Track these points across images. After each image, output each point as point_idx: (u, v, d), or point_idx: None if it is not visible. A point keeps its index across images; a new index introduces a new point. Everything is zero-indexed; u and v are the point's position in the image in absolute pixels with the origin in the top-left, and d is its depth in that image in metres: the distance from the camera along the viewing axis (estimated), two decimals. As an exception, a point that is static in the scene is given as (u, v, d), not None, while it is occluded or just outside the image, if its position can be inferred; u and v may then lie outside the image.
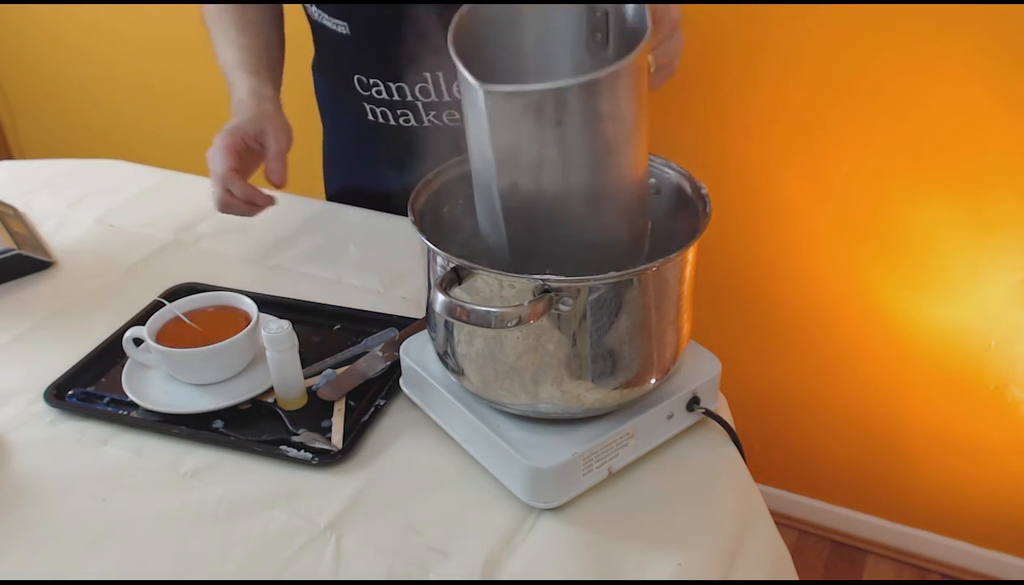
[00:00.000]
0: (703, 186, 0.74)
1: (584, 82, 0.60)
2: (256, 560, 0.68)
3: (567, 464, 0.69)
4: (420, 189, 0.77)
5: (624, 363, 0.69)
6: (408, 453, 0.78)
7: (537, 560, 0.67)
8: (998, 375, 1.45)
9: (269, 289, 0.99)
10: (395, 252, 1.08)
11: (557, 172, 0.65)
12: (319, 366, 0.87)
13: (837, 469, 1.70)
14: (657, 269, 0.66)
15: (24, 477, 0.77)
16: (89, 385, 0.87)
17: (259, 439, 0.78)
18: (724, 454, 0.77)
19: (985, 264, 1.38)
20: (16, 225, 1.13)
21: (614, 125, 0.64)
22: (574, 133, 0.63)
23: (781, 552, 0.75)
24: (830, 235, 1.47)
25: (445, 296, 0.63)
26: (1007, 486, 1.54)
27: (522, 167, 0.65)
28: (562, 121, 0.61)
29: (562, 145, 0.63)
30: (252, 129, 0.97)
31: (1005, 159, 1.30)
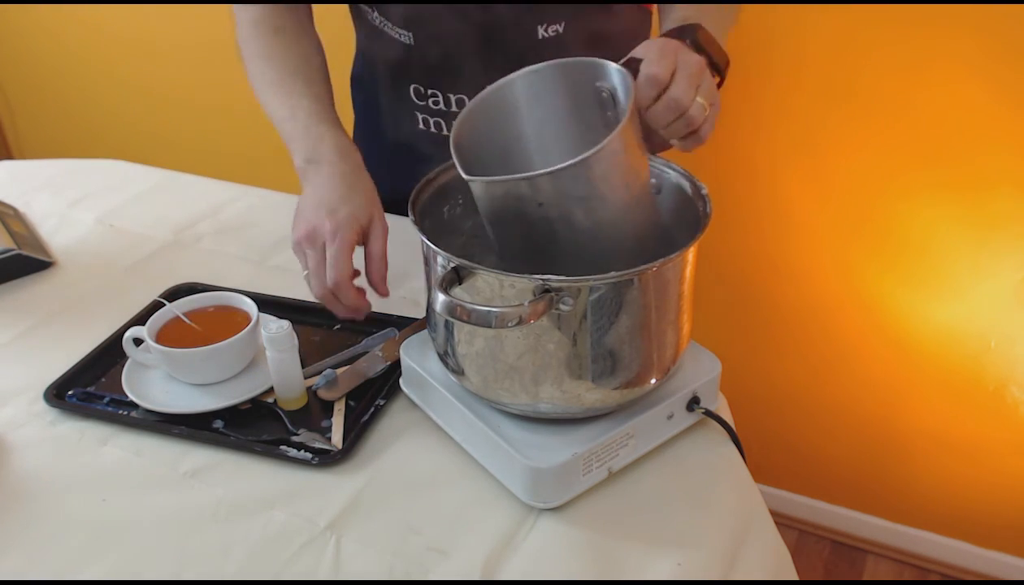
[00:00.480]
0: (703, 186, 0.74)
1: (551, 172, 0.63)
2: (256, 560, 0.68)
3: (567, 464, 0.69)
4: (420, 189, 0.77)
5: (624, 363, 0.69)
6: (408, 453, 0.78)
7: (537, 560, 0.67)
8: (998, 376, 1.45)
9: (269, 289, 0.99)
10: (395, 252, 1.08)
11: (549, 243, 0.69)
12: (319, 366, 0.87)
13: (837, 469, 1.70)
14: (657, 269, 0.66)
15: (24, 477, 0.77)
16: (89, 385, 0.87)
17: (259, 439, 0.78)
18: (724, 454, 0.77)
19: (985, 263, 1.38)
20: (16, 225, 1.13)
21: (599, 205, 0.67)
22: (556, 214, 0.66)
23: (781, 552, 0.75)
24: (831, 235, 1.47)
25: (445, 296, 0.63)
26: (1007, 486, 1.54)
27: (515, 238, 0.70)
28: (543, 203, 0.65)
29: (548, 224, 0.67)
30: (365, 219, 0.83)
31: (1006, 157, 1.29)
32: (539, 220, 0.66)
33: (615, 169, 0.66)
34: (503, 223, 0.70)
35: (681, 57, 0.74)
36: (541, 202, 0.65)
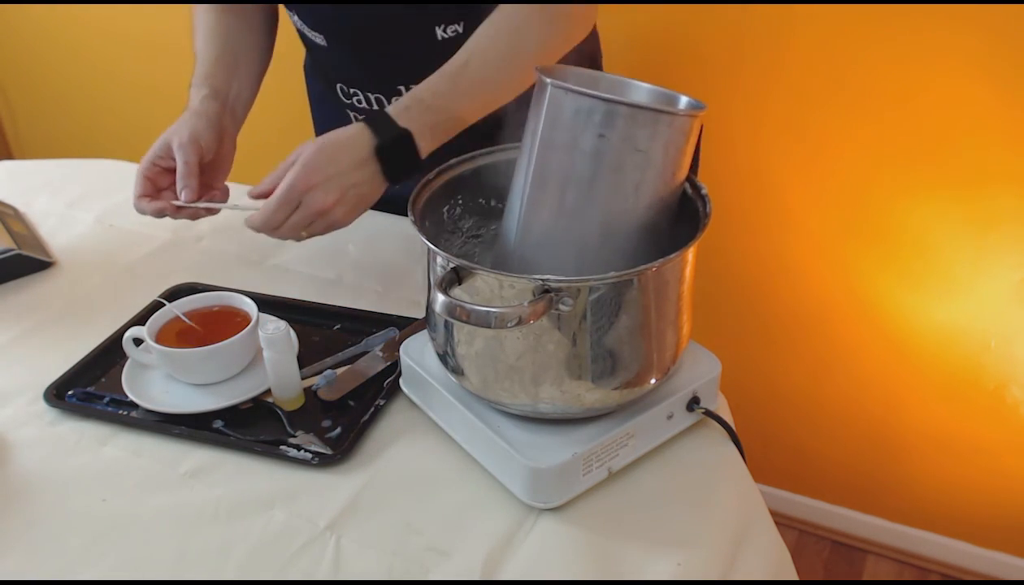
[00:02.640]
0: (703, 186, 0.74)
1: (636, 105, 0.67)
2: (256, 560, 0.68)
3: (567, 464, 0.69)
4: (420, 189, 0.77)
5: (624, 363, 0.69)
6: (408, 453, 0.78)
7: (537, 560, 0.67)
8: (997, 375, 1.45)
9: (269, 289, 0.99)
10: (395, 252, 1.08)
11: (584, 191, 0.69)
12: (319, 366, 0.87)
13: (837, 469, 1.70)
14: (657, 269, 0.66)
15: (24, 477, 0.77)
16: (89, 385, 0.87)
17: (259, 439, 0.78)
18: (724, 454, 0.77)
19: (985, 263, 1.38)
20: (16, 225, 1.13)
21: (648, 171, 0.68)
22: (610, 155, 0.67)
23: (781, 552, 0.75)
24: (831, 235, 1.47)
25: (445, 296, 0.63)
26: (1007, 486, 1.54)
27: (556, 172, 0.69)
28: (604, 136, 0.66)
29: (596, 162, 0.67)
30: (159, 149, 0.94)
31: (1005, 154, 1.29)
32: (590, 155, 0.67)
33: (678, 146, 0.69)
34: (552, 146, 0.69)
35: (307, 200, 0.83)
36: (605, 134, 0.66)
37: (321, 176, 0.83)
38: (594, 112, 0.66)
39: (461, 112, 0.87)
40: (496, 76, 0.88)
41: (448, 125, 0.87)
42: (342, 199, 0.84)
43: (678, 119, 0.68)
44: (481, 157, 0.82)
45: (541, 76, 0.69)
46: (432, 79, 0.88)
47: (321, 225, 0.86)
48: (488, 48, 0.88)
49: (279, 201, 0.83)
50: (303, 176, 0.83)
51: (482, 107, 0.89)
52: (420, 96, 0.87)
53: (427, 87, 0.87)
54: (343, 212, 0.86)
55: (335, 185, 0.83)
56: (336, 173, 0.83)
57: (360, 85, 1.06)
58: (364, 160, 0.84)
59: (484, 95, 0.88)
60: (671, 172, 0.70)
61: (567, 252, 0.70)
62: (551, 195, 0.70)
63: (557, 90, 0.67)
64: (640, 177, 0.68)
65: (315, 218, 0.84)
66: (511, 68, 0.88)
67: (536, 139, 0.69)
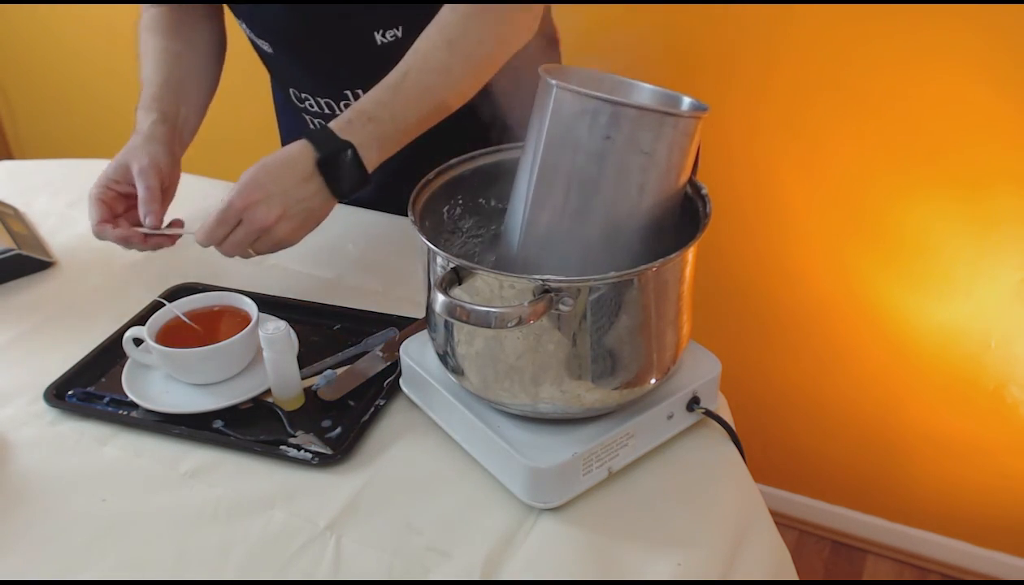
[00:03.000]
0: (703, 186, 0.74)
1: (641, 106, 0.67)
2: (256, 560, 0.68)
3: (567, 464, 0.69)
4: (420, 189, 0.77)
5: (624, 363, 0.69)
6: (408, 453, 0.78)
7: (537, 560, 0.67)
8: (997, 375, 1.45)
9: (269, 289, 0.99)
10: (395, 252, 1.08)
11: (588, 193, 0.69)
12: (319, 366, 0.87)
13: (837, 469, 1.70)
14: (657, 269, 0.66)
15: (24, 477, 0.77)
16: (89, 385, 0.87)
17: (259, 439, 0.78)
18: (724, 454, 0.77)
19: (985, 263, 1.38)
20: (16, 225, 1.13)
21: (653, 173, 0.68)
22: (615, 157, 0.67)
23: (781, 552, 0.75)
24: (832, 235, 1.47)
25: (445, 296, 0.63)
26: (1007, 486, 1.54)
27: (561, 174, 0.69)
28: (611, 138, 0.66)
29: (600, 163, 0.67)
30: (115, 173, 0.93)
31: (1005, 153, 1.29)
32: (595, 156, 0.67)
33: (682, 147, 0.69)
34: (557, 148, 0.69)
35: (248, 217, 0.83)
36: (610, 136, 0.66)
37: (262, 193, 0.83)
38: (600, 114, 0.66)
39: (405, 122, 0.87)
40: (436, 84, 0.88)
41: (394, 136, 0.87)
42: (285, 215, 0.84)
43: (683, 121, 0.68)
44: (481, 157, 0.82)
45: (546, 77, 0.69)
46: (374, 91, 0.88)
47: (267, 243, 0.86)
48: (427, 57, 0.88)
49: (217, 218, 0.84)
50: (243, 194, 0.83)
51: (427, 116, 0.89)
52: (362, 108, 0.87)
53: (369, 99, 0.87)
54: (289, 228, 0.85)
55: (278, 202, 0.83)
56: (279, 190, 0.83)
57: (309, 90, 1.07)
58: (308, 176, 0.84)
59: (426, 104, 0.88)
60: (675, 173, 0.70)
61: (570, 253, 0.70)
62: (555, 196, 0.70)
63: (563, 92, 0.67)
64: (644, 178, 0.68)
65: (258, 234, 0.84)
66: (451, 76, 0.88)
67: (541, 140, 0.69)
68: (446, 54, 0.88)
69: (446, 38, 0.89)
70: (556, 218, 0.70)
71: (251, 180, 0.84)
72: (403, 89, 0.87)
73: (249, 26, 1.05)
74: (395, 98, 0.87)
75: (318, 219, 0.88)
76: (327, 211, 0.88)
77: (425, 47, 0.89)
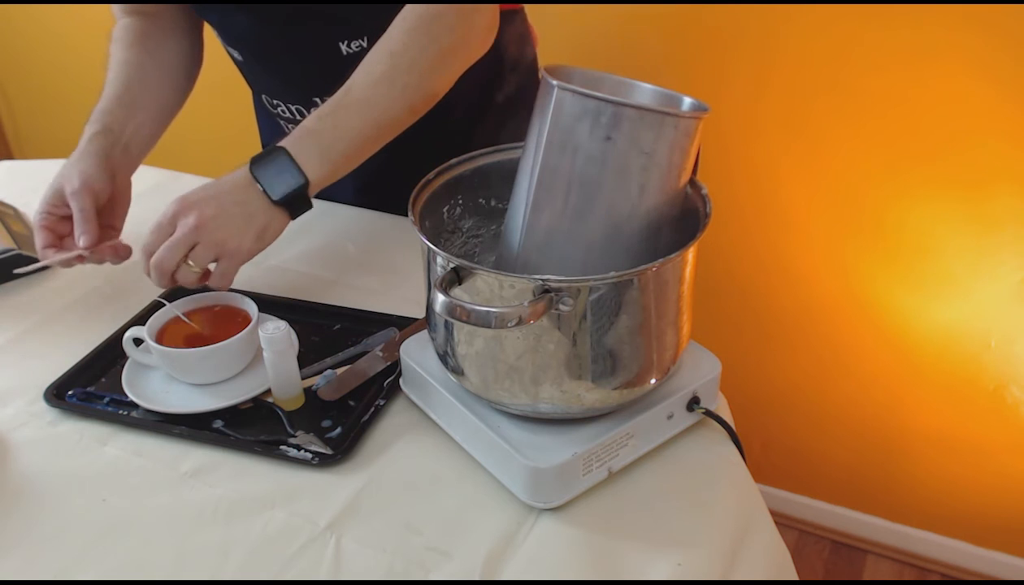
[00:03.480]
0: (703, 186, 0.74)
1: (642, 106, 0.67)
2: (256, 560, 0.68)
3: (567, 464, 0.69)
4: (420, 189, 0.77)
5: (624, 363, 0.69)
6: (408, 453, 0.78)
7: (537, 560, 0.67)
8: (998, 375, 1.45)
9: (269, 289, 0.99)
10: (395, 252, 1.08)
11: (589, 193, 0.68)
12: (319, 366, 0.87)
13: (837, 469, 1.70)
14: (657, 269, 0.66)
15: (24, 477, 0.77)
16: (89, 385, 0.87)
17: (259, 439, 0.78)
18: (724, 454, 0.77)
19: (985, 262, 1.38)
20: (16, 225, 1.13)
21: (654, 172, 0.68)
22: (616, 158, 0.67)
23: (781, 552, 0.75)
24: (832, 235, 1.47)
25: (445, 296, 0.63)
26: (1007, 486, 1.54)
27: (561, 174, 0.69)
28: (611, 138, 0.66)
29: (601, 164, 0.67)
30: (52, 198, 0.91)
31: (1005, 153, 1.29)
32: (596, 157, 0.67)
33: (682, 148, 0.69)
34: (558, 148, 0.69)
35: (183, 221, 0.82)
36: (611, 136, 0.66)
37: (195, 199, 0.83)
38: (601, 114, 0.66)
39: (348, 133, 0.87)
40: (378, 96, 0.88)
41: (337, 147, 0.87)
42: (222, 213, 0.82)
43: (683, 121, 0.68)
44: (481, 157, 0.82)
45: (547, 77, 0.69)
46: (319, 107, 0.88)
47: (208, 248, 0.82)
48: (370, 71, 0.88)
49: (154, 228, 0.83)
50: (176, 202, 0.83)
51: (373, 128, 0.88)
52: (304, 124, 0.87)
53: (313, 115, 0.88)
54: (229, 229, 0.82)
55: (213, 204, 0.82)
56: (212, 194, 0.83)
57: (280, 97, 1.07)
58: (243, 182, 0.84)
59: (370, 116, 0.87)
60: (675, 174, 0.70)
61: (571, 253, 0.70)
62: (556, 197, 0.70)
63: (564, 92, 0.67)
64: (645, 179, 0.68)
65: (195, 235, 0.81)
66: (393, 88, 0.88)
67: (541, 141, 0.69)
68: (388, 67, 0.88)
69: (388, 50, 0.89)
70: (557, 218, 0.70)
71: (189, 193, 0.84)
72: (344, 102, 0.87)
73: (219, 34, 1.06)
74: (336, 111, 0.87)
75: (262, 226, 0.85)
76: (276, 222, 0.86)
77: (370, 60, 0.89)
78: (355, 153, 0.88)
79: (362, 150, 0.89)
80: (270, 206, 0.85)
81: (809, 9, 1.31)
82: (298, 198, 0.85)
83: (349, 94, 0.88)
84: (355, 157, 0.89)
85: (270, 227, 0.86)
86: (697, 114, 0.69)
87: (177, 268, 0.83)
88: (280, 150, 0.85)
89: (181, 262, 0.82)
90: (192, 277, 0.83)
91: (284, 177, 0.84)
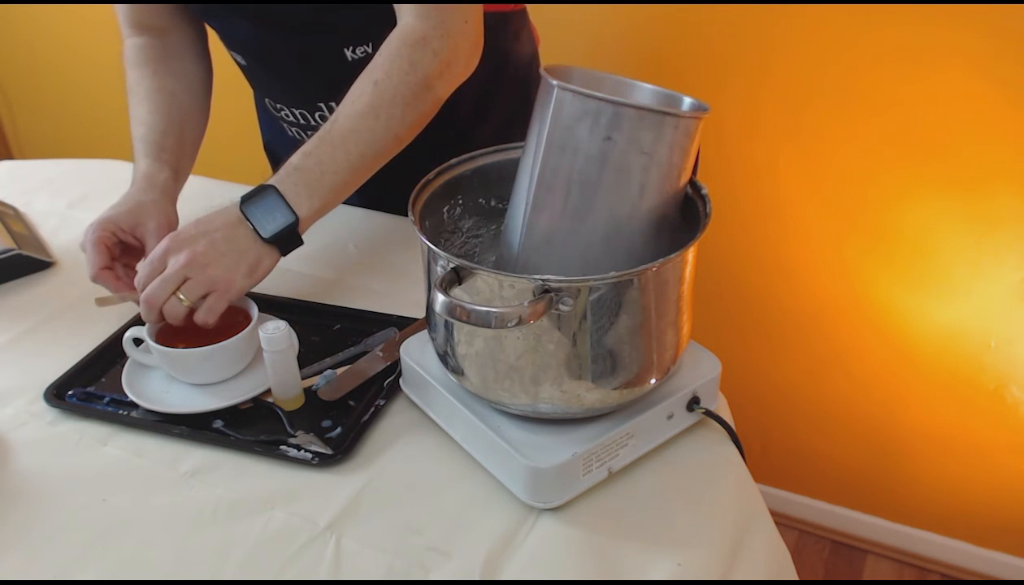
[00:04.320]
0: (703, 186, 0.74)
1: (645, 108, 0.67)
2: (256, 560, 0.68)
3: (567, 464, 0.69)
4: (420, 189, 0.77)
5: (624, 363, 0.69)
6: (408, 453, 0.78)
7: (537, 560, 0.67)
8: (998, 375, 1.45)
9: (269, 289, 0.99)
10: (395, 252, 1.08)
11: (589, 193, 0.68)
12: (319, 366, 0.87)
13: (837, 469, 1.70)
14: (657, 269, 0.66)
15: (24, 477, 0.77)
16: (89, 385, 0.87)
17: (259, 439, 0.78)
18: (724, 454, 0.77)
19: (985, 263, 1.38)
20: (16, 225, 1.13)
21: (654, 172, 0.68)
22: (616, 158, 0.67)
23: (781, 552, 0.75)
24: (832, 235, 1.47)
25: (445, 296, 0.63)
26: (1007, 486, 1.54)
27: (562, 174, 0.69)
28: (611, 138, 0.66)
29: (600, 165, 0.67)
30: (127, 223, 0.91)
31: (1005, 153, 1.29)
32: (596, 157, 0.67)
33: (682, 148, 0.69)
34: (558, 148, 0.69)
35: (174, 258, 0.81)
36: (611, 136, 0.66)
37: (187, 236, 0.82)
38: (601, 114, 0.66)
39: (334, 166, 0.86)
40: (362, 127, 0.87)
41: (325, 181, 0.86)
42: (213, 250, 0.82)
43: (684, 121, 0.68)
44: (481, 157, 0.82)
45: (547, 78, 0.69)
46: (305, 144, 0.88)
47: (200, 283, 0.81)
48: (355, 102, 0.88)
49: (147, 263, 0.83)
50: (168, 239, 0.83)
51: (360, 160, 0.87)
52: (292, 161, 0.87)
53: (299, 151, 0.87)
54: (220, 265, 0.82)
55: (204, 241, 0.82)
56: (203, 231, 0.83)
57: (283, 101, 1.07)
58: (235, 221, 0.84)
59: (354, 148, 0.87)
60: (675, 174, 0.70)
61: (571, 253, 0.70)
62: (556, 197, 0.70)
63: (564, 92, 0.67)
64: (645, 179, 0.68)
65: (186, 270, 0.81)
66: (378, 119, 0.87)
67: (541, 141, 0.69)
68: (371, 97, 0.87)
69: (372, 80, 0.88)
70: (557, 218, 0.70)
71: (180, 228, 0.84)
72: (329, 136, 0.87)
73: (223, 39, 1.06)
74: (321, 146, 0.87)
75: (253, 263, 0.84)
76: (267, 259, 0.85)
77: (354, 92, 0.89)
78: (343, 187, 0.88)
79: (350, 183, 0.88)
80: (260, 243, 0.85)
81: (808, 9, 1.31)
82: (289, 236, 0.85)
83: (334, 128, 0.87)
84: (344, 190, 0.88)
85: (261, 264, 0.85)
86: (697, 114, 0.69)
87: (166, 302, 0.82)
88: (270, 188, 0.85)
89: (171, 296, 0.81)
90: (181, 311, 0.82)
91: (274, 215, 0.84)
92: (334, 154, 0.87)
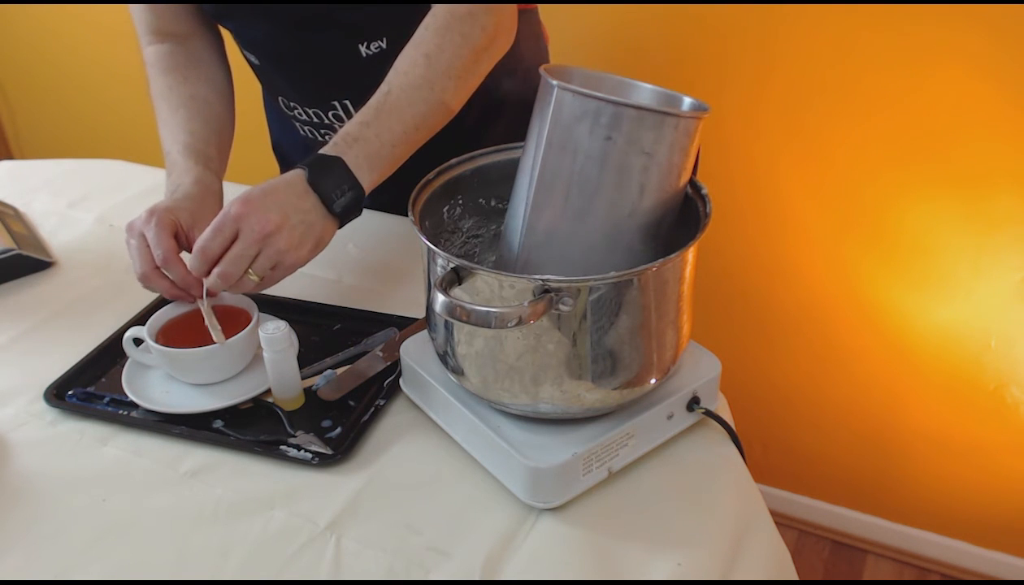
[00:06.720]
0: (703, 186, 0.74)
1: (642, 107, 0.67)
2: (256, 560, 0.68)
3: (567, 464, 0.69)
4: (420, 189, 0.77)
5: (624, 363, 0.69)
6: (408, 453, 0.78)
7: (537, 560, 0.67)
8: (998, 376, 1.45)
9: (269, 289, 0.98)
10: (395, 252, 1.08)
11: (589, 193, 0.68)
12: (319, 366, 0.87)
13: (837, 469, 1.70)
14: (657, 269, 0.66)
15: (24, 477, 0.77)
16: (89, 385, 0.87)
17: (259, 439, 0.78)
18: (724, 454, 0.77)
19: (985, 263, 1.38)
20: (16, 225, 1.13)
21: (654, 172, 0.68)
22: (616, 157, 0.67)
23: (781, 552, 0.75)
24: (832, 235, 1.47)
25: (445, 296, 0.63)
26: (1007, 487, 1.54)
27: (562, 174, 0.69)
28: (611, 138, 0.66)
29: (600, 164, 0.67)
30: (187, 220, 0.88)
31: (1005, 153, 1.29)
32: (596, 157, 0.67)
33: (682, 148, 0.69)
34: (558, 148, 0.69)
35: (247, 226, 0.78)
36: (611, 136, 0.66)
37: (258, 204, 0.80)
38: (601, 114, 0.66)
39: (391, 138, 0.86)
40: (418, 99, 0.88)
41: (383, 152, 0.86)
42: (286, 223, 0.80)
43: (684, 121, 0.68)
44: (481, 157, 0.82)
45: (547, 78, 0.69)
46: (358, 113, 0.88)
47: (270, 255, 0.80)
48: (407, 74, 0.88)
49: (213, 228, 0.79)
50: (238, 204, 0.79)
51: (415, 129, 0.88)
52: (347, 131, 0.86)
53: (354, 122, 0.87)
54: (290, 240, 0.80)
55: (276, 211, 0.80)
56: (276, 203, 0.81)
57: (297, 100, 1.07)
58: (303, 192, 0.83)
59: (411, 118, 0.87)
60: (675, 174, 0.70)
61: (571, 253, 0.70)
62: (556, 197, 0.70)
63: (563, 92, 0.67)
64: (645, 179, 0.68)
65: (260, 244, 0.79)
66: (433, 90, 0.88)
67: (541, 141, 0.69)
68: (424, 69, 0.88)
69: (423, 53, 0.89)
70: (557, 218, 0.70)
71: (247, 195, 0.81)
72: (386, 107, 0.87)
73: (237, 39, 1.06)
74: (378, 117, 0.87)
75: (318, 238, 0.84)
76: (329, 233, 0.85)
77: (404, 65, 0.89)
78: (398, 158, 0.88)
79: (402, 156, 0.89)
80: (327, 217, 0.84)
81: (809, 9, 1.31)
82: (355, 209, 0.85)
83: (388, 99, 0.87)
84: (398, 161, 0.88)
85: (324, 238, 0.85)
86: (697, 114, 0.69)
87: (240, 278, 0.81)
88: (337, 160, 0.84)
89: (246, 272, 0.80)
90: (248, 286, 0.81)
91: (343, 188, 0.84)
92: (391, 125, 0.86)
